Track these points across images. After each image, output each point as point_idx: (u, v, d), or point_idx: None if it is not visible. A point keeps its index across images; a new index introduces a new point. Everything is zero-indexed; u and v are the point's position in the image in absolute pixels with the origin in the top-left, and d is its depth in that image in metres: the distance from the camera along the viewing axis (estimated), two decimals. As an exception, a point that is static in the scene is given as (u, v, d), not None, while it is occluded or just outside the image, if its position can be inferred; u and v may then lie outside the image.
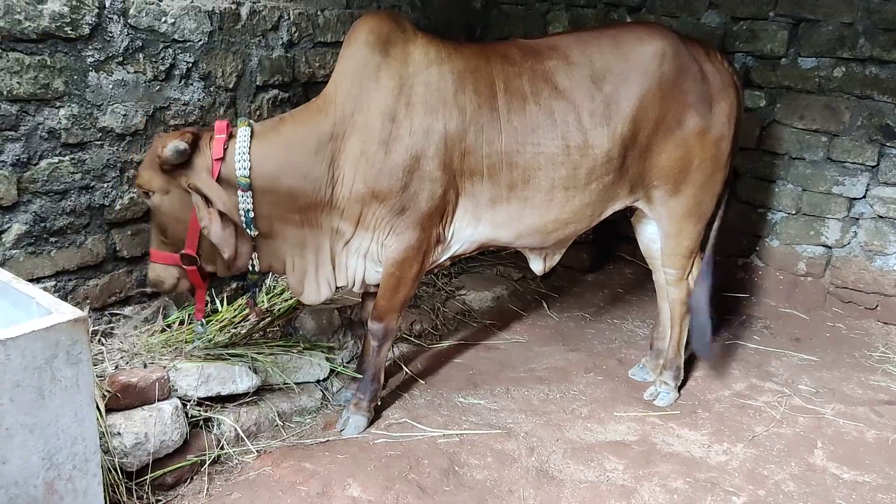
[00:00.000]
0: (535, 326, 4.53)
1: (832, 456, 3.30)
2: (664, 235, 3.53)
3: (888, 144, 4.47)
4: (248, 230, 2.95)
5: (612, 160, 3.24)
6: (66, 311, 2.04)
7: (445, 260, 3.36)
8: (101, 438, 2.57)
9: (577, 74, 3.22)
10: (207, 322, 3.55)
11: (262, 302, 3.52)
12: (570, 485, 3.00)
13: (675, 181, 3.37)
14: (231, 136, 2.93)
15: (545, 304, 4.81)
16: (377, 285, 3.28)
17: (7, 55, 2.80)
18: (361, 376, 3.40)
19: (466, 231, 3.27)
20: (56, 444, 2.03)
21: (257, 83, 3.81)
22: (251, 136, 2.93)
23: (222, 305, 3.76)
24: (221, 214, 2.86)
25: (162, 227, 2.97)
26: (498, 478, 3.02)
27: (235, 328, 3.55)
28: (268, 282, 3.99)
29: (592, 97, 3.20)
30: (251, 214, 2.92)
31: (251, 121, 3.03)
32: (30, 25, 2.83)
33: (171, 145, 2.79)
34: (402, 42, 3.06)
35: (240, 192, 2.89)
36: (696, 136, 3.32)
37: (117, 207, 3.29)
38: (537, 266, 3.56)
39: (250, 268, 3.07)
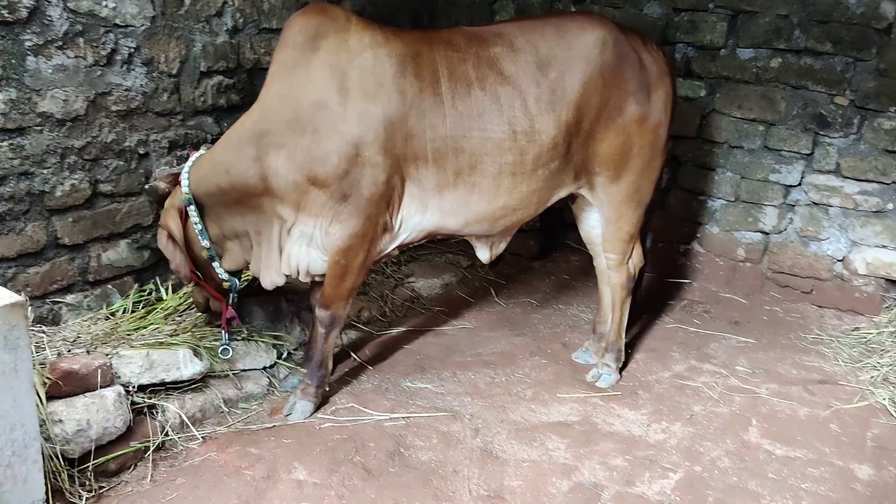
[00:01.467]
0: (482, 312, 4.59)
1: (766, 433, 3.42)
2: (605, 221, 3.60)
3: (822, 133, 4.61)
4: (201, 240, 3.21)
5: (558, 146, 3.29)
6: (3, 296, 2.03)
7: (394, 250, 3.38)
8: (41, 425, 2.55)
9: (522, 61, 3.25)
10: (151, 310, 3.54)
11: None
12: (514, 464, 3.07)
13: (616, 167, 3.44)
14: None
15: (493, 291, 4.87)
16: (324, 275, 3.30)
17: (-60, 38, 2.75)
18: (306, 370, 3.41)
19: (414, 218, 3.29)
20: (-6, 430, 2.02)
21: (201, 69, 3.79)
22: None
23: (167, 294, 3.75)
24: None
25: None
26: (443, 459, 3.07)
27: (181, 316, 3.54)
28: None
29: (538, 83, 3.24)
30: (199, 226, 3.20)
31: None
32: (-36, 8, 2.79)
33: (146, 186, 3.32)
34: (334, 32, 3.06)
35: (188, 208, 3.16)
36: (636, 123, 3.39)
37: (58, 194, 3.25)
38: (484, 254, 3.60)
39: (220, 276, 3.33)
